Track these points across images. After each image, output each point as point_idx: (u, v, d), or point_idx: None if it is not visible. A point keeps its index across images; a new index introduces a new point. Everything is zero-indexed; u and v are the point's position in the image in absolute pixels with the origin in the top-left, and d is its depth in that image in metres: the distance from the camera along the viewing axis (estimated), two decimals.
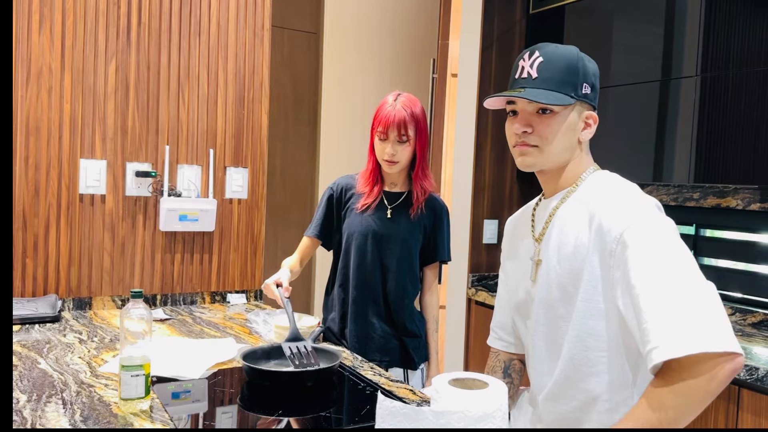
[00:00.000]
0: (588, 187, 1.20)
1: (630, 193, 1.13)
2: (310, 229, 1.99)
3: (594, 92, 1.20)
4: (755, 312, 2.31)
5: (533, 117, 1.18)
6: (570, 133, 1.18)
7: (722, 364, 0.95)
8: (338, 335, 1.94)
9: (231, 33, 2.44)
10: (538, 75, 1.16)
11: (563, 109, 1.16)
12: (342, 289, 1.94)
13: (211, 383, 1.48)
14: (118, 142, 2.26)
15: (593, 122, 1.21)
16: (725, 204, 2.42)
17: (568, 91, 1.16)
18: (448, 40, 2.98)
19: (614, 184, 1.18)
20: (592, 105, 1.21)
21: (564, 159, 1.21)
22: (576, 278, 1.14)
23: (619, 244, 1.06)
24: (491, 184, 3.11)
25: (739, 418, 1.81)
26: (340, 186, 1.97)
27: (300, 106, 3.61)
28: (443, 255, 1.96)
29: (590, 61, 1.21)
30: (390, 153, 1.80)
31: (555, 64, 1.16)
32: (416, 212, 1.88)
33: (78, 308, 2.21)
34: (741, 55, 2.18)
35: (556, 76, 1.16)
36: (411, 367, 1.93)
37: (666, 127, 2.43)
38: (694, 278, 1.00)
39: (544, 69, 1.16)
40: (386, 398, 0.97)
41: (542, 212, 1.28)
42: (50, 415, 1.23)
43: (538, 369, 1.26)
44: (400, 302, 1.89)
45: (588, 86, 1.18)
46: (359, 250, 1.88)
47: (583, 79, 1.17)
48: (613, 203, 1.11)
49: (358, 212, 1.89)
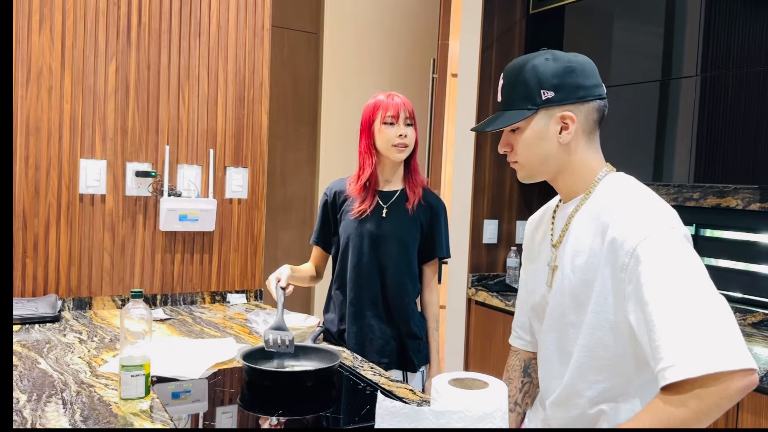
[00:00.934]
0: (602, 193, 1.18)
1: (645, 203, 1.11)
2: (312, 237, 2.05)
3: (561, 92, 1.16)
4: (755, 312, 2.31)
5: (508, 135, 1.23)
6: (541, 141, 1.18)
7: (736, 382, 0.94)
8: (337, 336, 1.94)
9: (231, 33, 2.44)
10: (501, 97, 1.22)
11: (525, 123, 1.18)
12: (340, 290, 1.94)
13: (211, 383, 1.48)
14: (118, 142, 2.26)
15: (571, 122, 1.17)
16: (725, 204, 2.42)
17: (524, 105, 1.17)
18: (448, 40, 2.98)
19: (629, 191, 1.16)
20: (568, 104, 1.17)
21: (553, 166, 1.20)
22: (587, 288, 1.13)
23: (632, 258, 1.05)
24: (491, 184, 3.11)
25: (739, 418, 1.81)
26: (333, 190, 1.98)
27: (300, 106, 3.61)
28: (442, 252, 1.94)
29: (553, 61, 1.17)
30: (403, 134, 1.83)
31: (510, 82, 1.20)
32: (414, 205, 1.89)
33: (78, 308, 2.21)
34: (741, 55, 2.18)
35: (512, 93, 1.19)
36: (410, 369, 1.92)
37: (666, 127, 2.43)
38: (708, 294, 0.99)
39: (504, 92, 1.21)
40: (386, 398, 0.97)
41: (560, 217, 1.27)
42: (50, 415, 1.23)
43: (547, 372, 1.27)
44: (399, 301, 1.88)
45: (550, 91, 1.16)
46: (356, 252, 1.88)
47: (539, 87, 1.16)
48: (627, 214, 1.09)
49: (353, 217, 1.90)
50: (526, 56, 1.21)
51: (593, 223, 1.15)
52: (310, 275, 2.03)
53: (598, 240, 1.12)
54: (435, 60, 3.44)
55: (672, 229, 1.05)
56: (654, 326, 0.99)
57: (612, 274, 1.09)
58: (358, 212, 1.88)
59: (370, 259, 1.87)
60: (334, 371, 1.50)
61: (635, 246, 1.04)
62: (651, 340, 1.00)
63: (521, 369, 1.42)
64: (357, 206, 1.89)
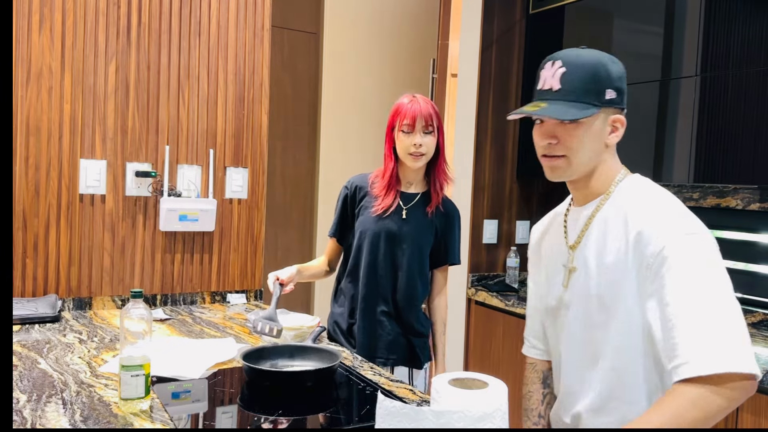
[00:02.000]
0: (623, 194, 1.19)
1: (672, 206, 1.13)
2: (330, 230, 2.06)
3: (620, 95, 1.18)
4: (755, 312, 2.31)
5: (558, 127, 1.16)
6: (596, 140, 1.17)
7: (741, 385, 0.99)
8: (345, 331, 1.95)
9: (231, 33, 2.44)
10: (561, 86, 1.14)
11: (591, 119, 1.14)
12: (352, 284, 1.95)
13: (211, 383, 1.48)
14: (118, 142, 2.26)
15: (620, 126, 1.19)
16: (725, 204, 2.42)
17: (591, 101, 1.13)
18: (448, 40, 2.98)
19: (652, 192, 1.17)
20: (619, 108, 1.18)
21: (592, 166, 1.19)
22: (614, 289, 1.14)
23: (657, 258, 1.07)
24: (491, 184, 3.11)
25: (739, 418, 1.81)
26: (354, 184, 1.99)
27: (300, 106, 3.61)
28: (454, 258, 1.99)
29: (615, 62, 1.18)
30: (418, 143, 1.82)
31: (577, 74, 1.14)
32: (433, 210, 1.90)
33: (78, 308, 2.21)
34: (741, 55, 2.18)
35: (579, 86, 1.13)
36: (416, 366, 1.95)
37: (666, 127, 2.43)
38: (727, 299, 1.03)
39: (567, 81, 1.14)
40: (386, 398, 0.97)
41: (575, 219, 1.26)
42: (50, 415, 1.23)
43: (570, 375, 1.24)
44: (409, 301, 1.90)
45: (613, 91, 1.16)
46: (371, 248, 1.89)
47: (607, 85, 1.15)
48: (653, 216, 1.11)
49: (373, 214, 1.90)
50: (590, 50, 1.18)
51: (619, 224, 1.15)
52: (323, 270, 2.06)
53: (623, 240, 1.13)
54: (435, 60, 3.44)
55: (696, 235, 1.08)
56: (673, 326, 1.03)
57: (637, 274, 1.10)
58: (381, 209, 1.89)
59: (386, 257, 1.88)
60: (334, 371, 1.50)
61: (662, 247, 1.06)
62: (668, 338, 1.04)
63: (540, 381, 1.40)
64: (379, 203, 1.90)
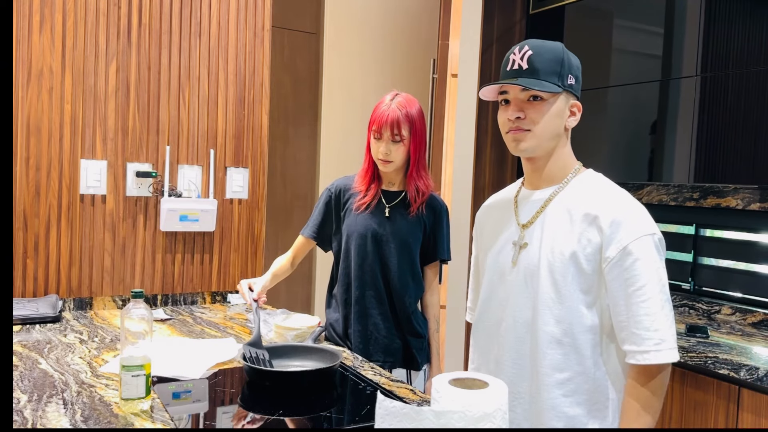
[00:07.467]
0: (584, 185, 1.31)
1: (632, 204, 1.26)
2: (305, 229, 2.02)
3: (578, 83, 1.32)
4: (755, 312, 2.31)
5: (525, 104, 1.28)
6: (557, 119, 1.29)
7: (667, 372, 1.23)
8: (342, 336, 1.94)
9: (231, 34, 2.44)
10: (528, 66, 1.27)
11: (551, 97, 1.27)
12: (344, 290, 1.94)
13: (211, 383, 1.48)
14: (119, 142, 2.26)
15: (578, 111, 1.32)
16: (725, 204, 2.42)
17: (555, 81, 1.27)
18: (448, 40, 2.98)
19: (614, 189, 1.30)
20: (575, 95, 1.32)
21: (552, 145, 1.31)
22: (565, 268, 1.25)
23: (622, 252, 1.20)
24: (491, 184, 3.11)
25: (739, 418, 1.81)
26: (338, 187, 1.97)
27: (300, 106, 3.61)
28: (443, 254, 1.96)
29: (573, 56, 1.32)
30: (384, 152, 1.82)
31: (543, 56, 1.27)
32: (415, 212, 1.89)
33: (79, 308, 2.21)
34: (741, 55, 2.18)
35: (545, 66, 1.26)
36: (414, 367, 1.93)
37: (666, 127, 2.43)
38: (668, 296, 1.22)
39: (533, 61, 1.27)
40: (386, 398, 0.97)
41: (527, 201, 1.36)
42: (51, 415, 1.23)
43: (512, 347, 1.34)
44: (403, 300, 1.89)
45: (572, 77, 1.30)
46: (359, 251, 1.88)
47: (568, 71, 1.28)
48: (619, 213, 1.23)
49: (356, 212, 1.90)
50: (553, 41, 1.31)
51: (577, 211, 1.27)
52: (288, 267, 2.02)
53: (583, 227, 1.25)
54: (435, 60, 3.44)
55: (655, 235, 1.22)
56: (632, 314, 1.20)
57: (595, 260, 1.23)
58: (363, 204, 1.88)
59: (374, 259, 1.87)
60: (334, 371, 1.51)
61: (627, 243, 1.20)
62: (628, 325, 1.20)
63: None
64: (360, 198, 1.89)
